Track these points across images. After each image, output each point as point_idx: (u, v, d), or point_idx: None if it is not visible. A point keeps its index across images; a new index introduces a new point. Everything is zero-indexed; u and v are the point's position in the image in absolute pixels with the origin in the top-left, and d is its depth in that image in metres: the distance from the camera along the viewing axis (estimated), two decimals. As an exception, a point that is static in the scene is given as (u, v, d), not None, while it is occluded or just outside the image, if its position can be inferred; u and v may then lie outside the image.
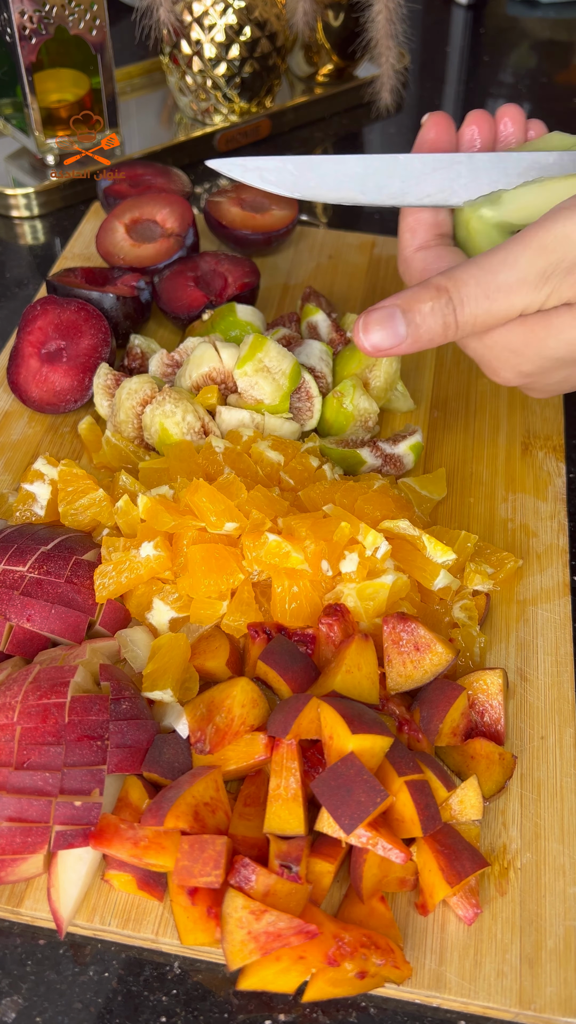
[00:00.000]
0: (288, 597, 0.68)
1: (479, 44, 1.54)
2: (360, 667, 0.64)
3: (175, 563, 0.70)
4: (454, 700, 0.63)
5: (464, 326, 0.63)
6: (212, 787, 0.59)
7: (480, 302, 0.62)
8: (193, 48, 1.17)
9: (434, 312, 0.62)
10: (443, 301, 0.62)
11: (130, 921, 0.58)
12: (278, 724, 0.61)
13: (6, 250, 1.12)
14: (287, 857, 0.57)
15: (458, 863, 0.57)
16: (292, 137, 1.30)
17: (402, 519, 0.72)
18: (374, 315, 0.63)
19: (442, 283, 0.62)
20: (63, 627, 0.67)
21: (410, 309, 0.62)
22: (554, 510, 0.82)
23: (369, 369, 0.85)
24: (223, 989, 0.58)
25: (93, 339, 0.86)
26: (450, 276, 0.62)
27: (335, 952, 0.54)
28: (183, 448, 0.76)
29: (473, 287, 0.62)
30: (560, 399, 0.91)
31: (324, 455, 0.81)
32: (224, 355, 0.82)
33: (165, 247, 0.97)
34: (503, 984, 0.57)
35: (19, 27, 1.02)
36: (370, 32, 1.21)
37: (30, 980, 0.58)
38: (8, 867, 0.57)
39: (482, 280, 0.61)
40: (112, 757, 0.59)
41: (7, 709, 0.60)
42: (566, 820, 0.63)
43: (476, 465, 0.85)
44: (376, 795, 0.56)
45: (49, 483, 0.77)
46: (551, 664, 0.71)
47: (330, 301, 0.98)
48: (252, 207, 1.04)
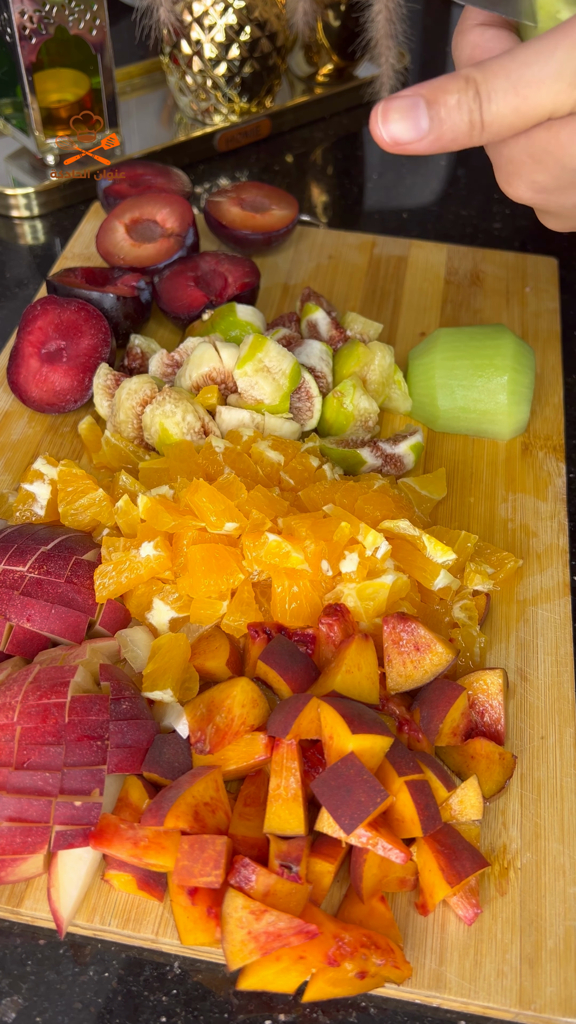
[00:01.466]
0: (288, 597, 0.68)
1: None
2: (360, 667, 0.64)
3: (175, 563, 0.70)
4: (454, 700, 0.63)
5: (490, 126, 0.56)
6: (212, 787, 0.59)
7: (508, 98, 0.54)
8: (193, 48, 1.17)
9: (460, 106, 0.55)
10: (470, 94, 0.55)
11: (130, 921, 0.58)
12: (278, 724, 0.61)
13: (6, 250, 1.12)
14: (287, 857, 0.57)
15: (458, 863, 0.57)
16: (292, 137, 1.30)
17: (402, 519, 0.72)
18: (395, 103, 0.56)
19: (472, 74, 0.55)
20: (63, 627, 0.67)
21: (435, 101, 0.55)
22: (554, 510, 0.82)
23: (366, 365, 0.85)
24: (223, 989, 0.58)
25: (93, 339, 0.86)
26: (481, 67, 0.55)
27: (335, 952, 0.54)
28: (183, 448, 0.76)
29: (503, 80, 0.54)
30: (560, 399, 0.91)
31: (324, 455, 0.81)
32: (224, 355, 0.82)
33: (165, 247, 0.97)
34: (503, 984, 0.57)
35: (19, 27, 1.02)
36: (370, 32, 1.21)
37: (30, 980, 0.58)
38: (8, 867, 0.57)
39: (513, 73, 0.54)
40: (112, 757, 0.59)
41: (7, 709, 0.60)
42: (566, 820, 0.63)
43: (476, 465, 0.85)
44: (376, 795, 0.56)
45: (49, 483, 0.77)
46: (551, 664, 0.71)
47: (329, 301, 0.98)
48: (252, 207, 1.04)
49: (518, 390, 0.83)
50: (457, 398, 0.84)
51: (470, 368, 0.83)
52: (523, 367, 0.84)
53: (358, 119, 1.34)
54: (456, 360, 0.84)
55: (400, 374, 0.87)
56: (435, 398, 0.84)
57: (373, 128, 0.57)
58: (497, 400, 0.83)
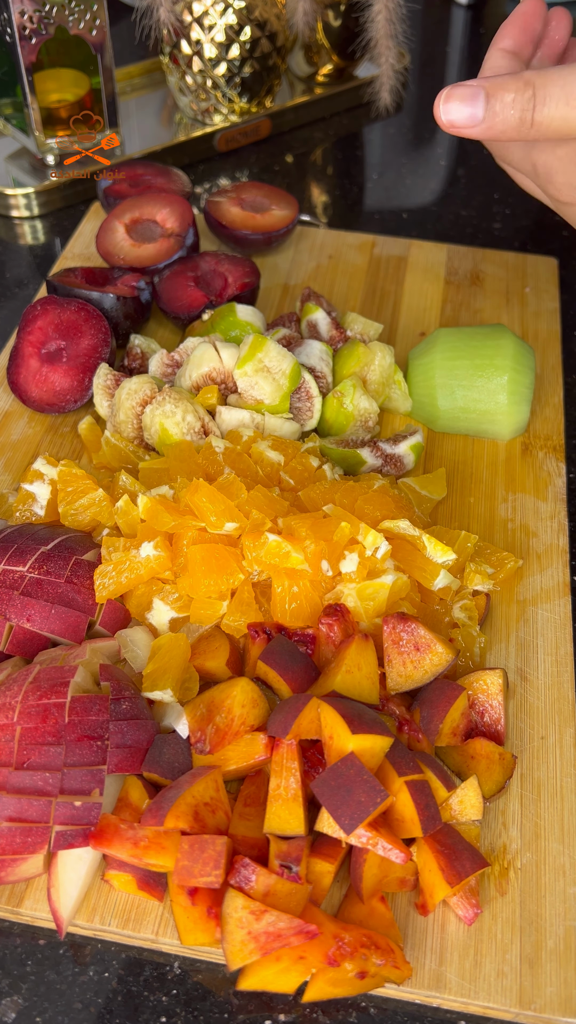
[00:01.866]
0: (288, 597, 0.68)
1: (479, 44, 1.54)
2: (360, 667, 0.64)
3: (175, 563, 0.70)
4: (454, 700, 0.63)
5: (539, 126, 0.62)
6: (212, 787, 0.59)
7: (560, 106, 0.61)
8: (193, 48, 1.17)
9: (515, 104, 0.62)
10: (527, 95, 0.62)
11: (130, 921, 0.58)
12: (278, 724, 0.61)
13: (6, 250, 1.12)
14: (287, 857, 0.57)
15: (458, 863, 0.57)
16: (292, 137, 1.30)
17: (402, 519, 0.72)
18: (459, 90, 0.63)
19: (531, 77, 0.62)
20: (63, 627, 0.67)
21: (493, 94, 0.62)
22: (554, 510, 0.82)
23: (367, 365, 0.85)
24: (223, 989, 0.58)
25: (93, 339, 0.86)
26: (540, 72, 0.62)
27: (335, 952, 0.54)
28: (183, 448, 0.76)
29: (559, 88, 0.61)
30: (560, 399, 0.91)
31: (324, 455, 0.81)
32: (224, 355, 0.82)
33: (165, 247, 0.97)
34: (503, 984, 0.57)
35: (19, 27, 1.02)
36: (370, 32, 1.21)
37: (30, 980, 0.58)
38: (8, 867, 0.57)
39: (568, 83, 0.61)
40: (112, 757, 0.59)
41: (7, 709, 0.60)
42: (566, 820, 0.63)
43: (476, 465, 0.85)
44: (376, 795, 0.56)
45: (49, 483, 0.77)
46: (551, 664, 0.71)
47: (329, 301, 0.98)
48: (252, 207, 1.04)
49: (518, 390, 0.83)
50: (457, 398, 0.84)
51: (470, 368, 0.83)
52: (523, 367, 0.84)
53: (358, 119, 1.34)
54: (456, 360, 0.84)
55: (400, 374, 0.87)
56: (435, 398, 0.84)
57: (436, 109, 0.64)
58: (497, 400, 0.83)
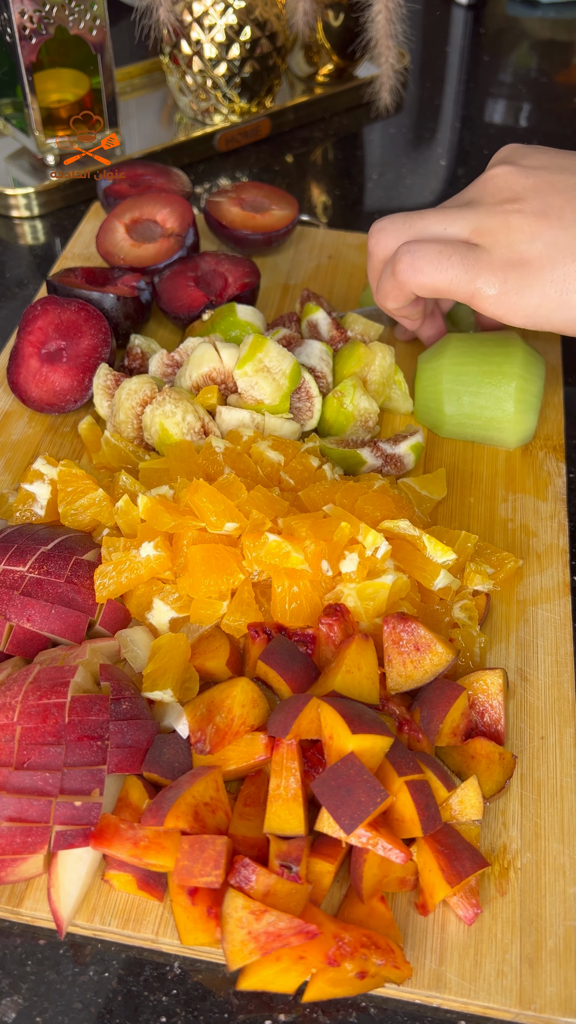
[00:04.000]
0: (288, 597, 0.68)
1: (479, 44, 1.54)
2: (360, 667, 0.64)
3: (175, 563, 0.70)
4: (454, 700, 0.63)
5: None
6: (212, 787, 0.59)
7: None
8: (193, 48, 1.17)
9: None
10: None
11: (130, 921, 0.58)
12: (278, 724, 0.61)
13: (6, 250, 1.12)
14: (287, 857, 0.57)
15: (458, 863, 0.57)
16: (292, 137, 1.30)
17: (402, 519, 0.72)
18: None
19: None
20: (63, 627, 0.67)
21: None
22: (554, 510, 0.82)
23: (367, 366, 0.85)
24: (223, 989, 0.58)
25: (93, 339, 0.86)
26: None
27: (335, 952, 0.54)
28: (183, 448, 0.76)
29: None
30: (560, 399, 0.91)
31: (324, 455, 0.81)
32: (224, 355, 0.82)
33: (165, 247, 0.97)
34: (503, 984, 0.57)
35: (19, 27, 1.02)
36: (370, 32, 1.21)
37: (30, 980, 0.58)
38: (8, 867, 0.57)
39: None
40: (112, 757, 0.59)
41: (7, 709, 0.60)
42: (566, 820, 0.63)
43: (476, 465, 0.85)
44: (376, 795, 0.56)
45: (49, 483, 0.77)
46: (551, 664, 0.71)
47: (329, 302, 0.98)
48: (252, 207, 1.04)
49: (526, 399, 0.83)
50: (464, 404, 0.83)
51: (478, 374, 0.83)
52: (532, 376, 0.83)
53: (358, 119, 1.34)
54: (465, 366, 0.83)
55: (400, 374, 0.87)
56: (441, 403, 0.84)
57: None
58: (504, 408, 0.82)
